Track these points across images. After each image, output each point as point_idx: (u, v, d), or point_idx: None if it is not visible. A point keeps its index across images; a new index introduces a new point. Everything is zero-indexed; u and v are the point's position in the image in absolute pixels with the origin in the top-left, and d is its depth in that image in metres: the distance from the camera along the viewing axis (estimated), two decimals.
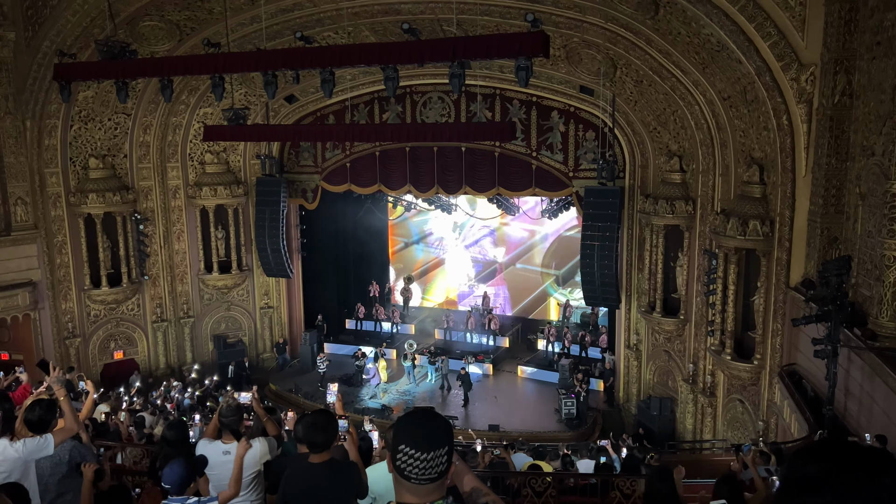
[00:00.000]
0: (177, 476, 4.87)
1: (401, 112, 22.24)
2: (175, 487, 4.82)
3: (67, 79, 12.57)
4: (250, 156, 23.57)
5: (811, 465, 1.63)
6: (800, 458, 1.67)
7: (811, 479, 1.60)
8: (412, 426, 2.32)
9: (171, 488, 4.82)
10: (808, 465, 1.63)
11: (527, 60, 9.54)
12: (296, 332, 25.43)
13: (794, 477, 1.64)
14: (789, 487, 1.64)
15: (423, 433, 2.28)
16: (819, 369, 12.31)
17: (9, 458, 4.66)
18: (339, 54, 11.19)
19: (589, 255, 19.41)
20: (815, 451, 1.67)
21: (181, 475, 4.89)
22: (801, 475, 1.62)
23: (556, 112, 20.58)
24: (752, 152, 15.50)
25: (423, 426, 2.31)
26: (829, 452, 1.65)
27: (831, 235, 13.27)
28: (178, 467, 4.95)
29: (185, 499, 4.80)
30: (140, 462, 10.38)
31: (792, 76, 13.35)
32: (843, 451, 1.64)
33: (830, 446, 1.68)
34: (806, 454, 1.67)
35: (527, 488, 8.77)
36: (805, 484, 1.60)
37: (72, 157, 20.80)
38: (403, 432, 2.30)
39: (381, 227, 29.28)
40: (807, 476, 1.61)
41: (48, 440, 4.90)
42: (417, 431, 2.29)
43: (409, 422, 2.35)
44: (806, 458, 1.65)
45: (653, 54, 15.96)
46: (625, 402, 21.04)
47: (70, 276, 21.17)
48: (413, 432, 2.29)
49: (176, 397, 19.50)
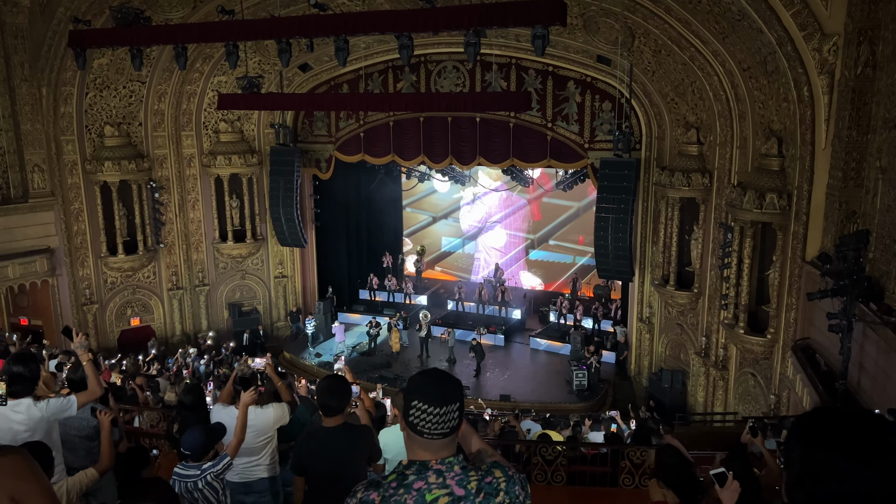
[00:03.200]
0: (197, 443, 4.95)
1: (415, 81, 22.06)
2: (195, 454, 4.90)
3: (82, 46, 12.58)
4: (264, 125, 23.55)
5: (824, 451, 1.59)
6: (817, 446, 1.61)
7: (837, 471, 1.56)
8: (425, 383, 2.37)
9: (190, 454, 4.90)
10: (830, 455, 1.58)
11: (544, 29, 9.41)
12: (310, 301, 25.62)
13: (819, 469, 1.59)
14: (811, 476, 1.60)
15: (435, 389, 2.33)
16: (833, 344, 12.25)
17: (33, 417, 4.76)
18: (354, 22, 11.10)
19: (603, 227, 19.30)
20: (831, 435, 1.62)
21: (202, 442, 4.96)
22: (828, 469, 1.58)
23: (573, 82, 20.32)
24: (770, 124, 15.27)
25: (435, 382, 2.37)
26: (849, 437, 1.60)
27: (850, 209, 13.09)
28: (198, 434, 5.01)
29: (200, 464, 4.88)
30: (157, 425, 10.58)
31: (814, 46, 13.07)
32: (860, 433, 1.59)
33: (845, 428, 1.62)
34: (822, 441, 1.62)
35: (537, 456, 8.85)
36: (831, 476, 1.57)
37: (87, 125, 20.88)
38: (416, 388, 2.35)
39: (394, 198, 29.27)
40: (832, 469, 1.57)
41: (71, 401, 4.99)
42: (430, 387, 2.34)
43: (421, 379, 2.40)
44: (825, 447, 1.60)
45: (672, 23, 15.68)
46: (636, 375, 21.09)
47: (87, 244, 21.42)
48: (425, 388, 2.34)
49: (192, 364, 19.80)
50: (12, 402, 4.74)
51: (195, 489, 4.81)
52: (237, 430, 5.33)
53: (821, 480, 1.58)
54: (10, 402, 4.74)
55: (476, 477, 2.28)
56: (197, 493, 4.81)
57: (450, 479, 2.26)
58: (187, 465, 4.92)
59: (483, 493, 2.25)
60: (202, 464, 4.87)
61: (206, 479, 4.84)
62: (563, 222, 28.52)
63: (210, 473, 4.87)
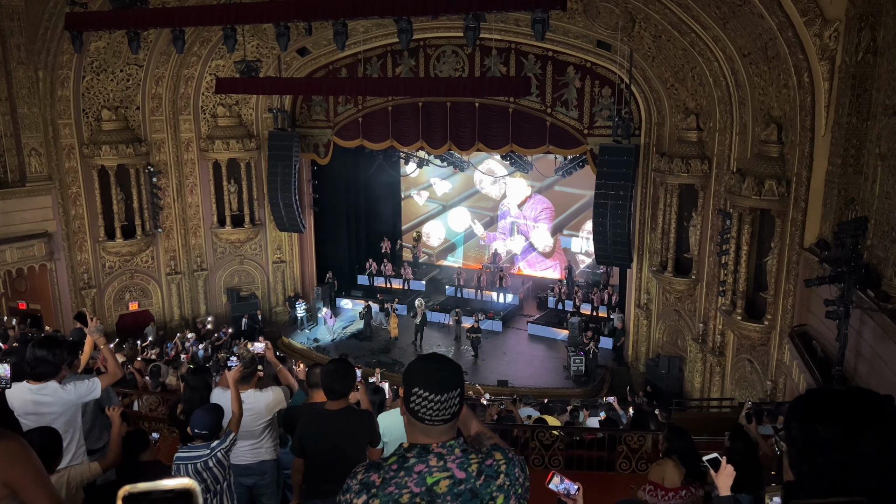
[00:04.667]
0: (210, 422, 5.03)
1: (414, 66, 21.95)
2: (211, 433, 4.99)
3: (79, 28, 12.50)
4: (262, 110, 23.44)
5: (831, 425, 1.68)
6: (815, 419, 1.72)
7: (834, 440, 1.66)
8: (425, 369, 2.36)
9: (207, 433, 4.98)
10: (827, 425, 1.69)
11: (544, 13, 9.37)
12: (308, 286, 25.64)
13: (816, 440, 1.69)
14: (811, 449, 1.70)
15: (436, 376, 2.32)
16: (830, 330, 12.30)
17: (60, 399, 4.78)
18: (352, 5, 11.02)
19: (602, 213, 19.28)
20: (828, 408, 1.73)
21: (212, 421, 5.05)
22: (823, 438, 1.68)
23: (572, 67, 20.23)
24: (770, 111, 15.24)
25: (436, 369, 2.35)
26: (845, 409, 1.71)
27: (848, 196, 13.10)
28: (209, 414, 5.09)
29: (208, 444, 4.95)
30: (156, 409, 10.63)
31: (815, 32, 13.02)
32: (855, 406, 1.71)
33: (841, 402, 1.73)
34: (819, 414, 1.72)
35: (535, 441, 8.91)
36: (828, 444, 1.66)
37: (84, 109, 20.77)
38: (417, 375, 2.34)
39: (393, 184, 29.22)
40: (829, 438, 1.67)
41: (95, 383, 5.01)
42: (430, 374, 2.33)
43: (422, 365, 2.39)
44: (821, 418, 1.71)
45: (672, 8, 15.59)
46: (634, 361, 21.18)
47: (85, 228, 21.37)
48: (426, 375, 2.33)
49: (190, 349, 19.84)
50: (37, 386, 4.76)
51: (205, 469, 4.87)
52: (233, 406, 5.42)
53: (822, 451, 1.68)
54: (35, 386, 4.76)
55: (476, 460, 2.29)
56: (207, 472, 4.87)
57: (450, 462, 2.26)
58: (194, 446, 4.97)
59: (483, 475, 2.26)
60: (210, 443, 4.94)
61: (216, 456, 4.90)
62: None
63: (220, 450, 4.95)
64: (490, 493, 2.25)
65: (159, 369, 13.75)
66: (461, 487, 2.23)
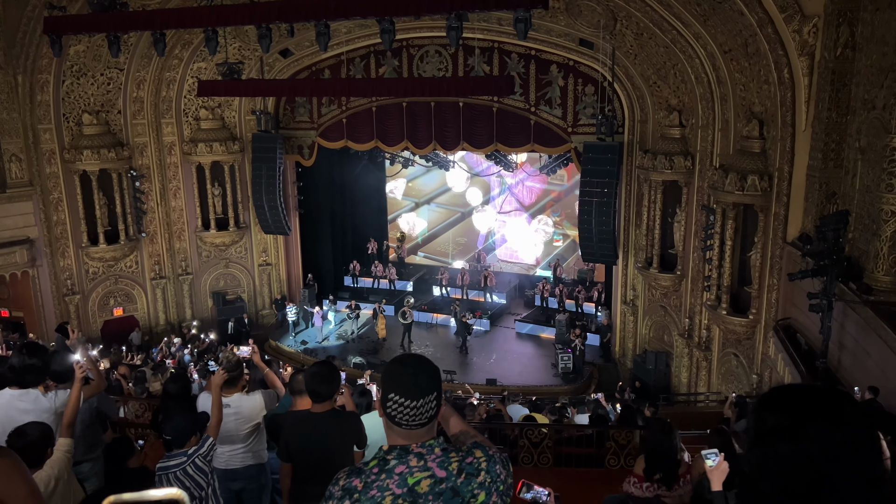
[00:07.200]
0: (179, 429, 4.97)
1: (397, 66, 21.92)
2: (178, 440, 4.92)
3: (58, 32, 12.35)
4: (246, 112, 23.31)
5: (778, 414, 1.68)
6: (766, 408, 1.72)
7: (781, 429, 1.65)
8: (401, 374, 2.34)
9: (173, 440, 4.92)
10: (775, 415, 1.68)
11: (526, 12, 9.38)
12: (294, 288, 25.54)
13: (764, 428, 1.69)
14: (760, 438, 1.69)
15: (411, 381, 2.31)
16: (814, 323, 12.42)
17: (40, 407, 4.75)
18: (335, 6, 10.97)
19: (587, 211, 19.37)
20: (780, 399, 1.72)
21: (183, 428, 4.99)
22: (770, 426, 1.68)
23: (556, 66, 20.29)
24: (752, 107, 15.36)
25: (412, 374, 2.33)
26: (795, 400, 1.70)
27: (830, 190, 13.24)
28: (180, 420, 5.04)
29: (185, 451, 4.90)
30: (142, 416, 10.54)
31: (794, 28, 13.14)
32: (807, 398, 1.70)
33: (794, 394, 1.73)
34: (771, 403, 1.72)
35: (523, 439, 8.92)
36: (775, 434, 1.66)
37: (65, 113, 20.55)
38: (392, 381, 2.32)
39: (378, 184, 29.14)
40: (776, 427, 1.66)
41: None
42: (406, 380, 2.31)
43: (397, 370, 2.36)
44: (772, 408, 1.71)
45: (653, 6, 15.67)
46: (621, 357, 21.28)
47: (67, 234, 21.15)
48: (402, 381, 2.31)
49: (176, 353, 19.71)
50: (19, 392, 4.71)
51: (185, 476, 4.82)
52: (213, 411, 5.38)
53: (770, 442, 1.65)
54: (16, 392, 4.71)
55: (457, 458, 2.29)
56: (187, 479, 4.82)
57: (431, 461, 2.26)
58: (172, 454, 4.93)
59: (464, 473, 2.26)
60: (187, 450, 4.90)
61: (194, 462, 4.86)
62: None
63: (198, 456, 4.90)
64: (471, 490, 2.25)
65: (144, 375, 13.64)
66: (442, 486, 2.23)
